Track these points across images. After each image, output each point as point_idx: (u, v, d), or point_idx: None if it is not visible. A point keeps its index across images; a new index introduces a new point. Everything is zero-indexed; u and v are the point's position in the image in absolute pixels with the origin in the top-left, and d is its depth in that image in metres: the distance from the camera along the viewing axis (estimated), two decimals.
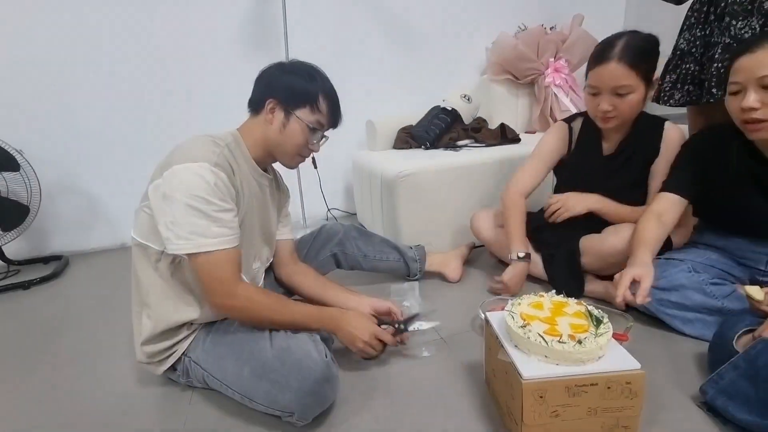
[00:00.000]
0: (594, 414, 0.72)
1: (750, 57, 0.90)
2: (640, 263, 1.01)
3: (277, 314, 0.90)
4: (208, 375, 0.91)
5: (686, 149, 1.16)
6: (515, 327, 0.77)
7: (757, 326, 0.89)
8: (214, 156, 0.84)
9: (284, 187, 1.17)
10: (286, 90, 0.93)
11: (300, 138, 0.95)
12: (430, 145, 1.93)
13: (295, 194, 2.08)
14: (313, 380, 0.81)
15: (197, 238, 0.81)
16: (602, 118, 1.19)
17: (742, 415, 0.75)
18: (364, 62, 2.21)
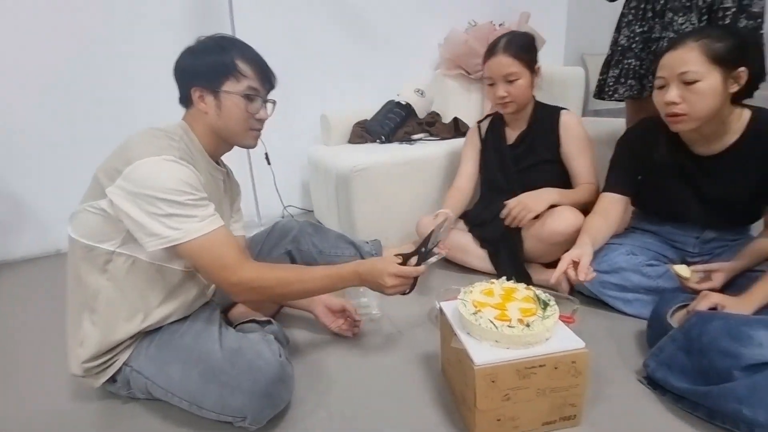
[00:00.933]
0: (543, 394, 0.75)
1: (673, 54, 0.96)
2: (579, 245, 1.07)
3: (294, 285, 0.86)
4: (152, 384, 0.85)
5: (620, 146, 1.22)
6: (467, 314, 0.78)
7: (689, 302, 0.96)
8: (175, 149, 0.79)
9: (236, 181, 1.11)
10: (203, 72, 0.86)
11: (239, 112, 0.89)
12: (385, 139, 1.92)
13: (248, 191, 2.01)
14: (266, 381, 0.78)
15: (184, 224, 0.76)
16: (501, 104, 1.36)
17: (679, 383, 0.81)
18: (317, 56, 2.16)
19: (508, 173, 1.45)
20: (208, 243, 0.78)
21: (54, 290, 0.86)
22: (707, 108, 0.94)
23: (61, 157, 1.83)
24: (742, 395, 0.69)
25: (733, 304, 0.88)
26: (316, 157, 1.93)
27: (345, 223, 1.70)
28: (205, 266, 0.79)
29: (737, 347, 0.72)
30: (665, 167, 1.11)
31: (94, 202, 0.79)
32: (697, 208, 1.11)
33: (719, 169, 1.05)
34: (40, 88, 1.77)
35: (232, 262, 0.79)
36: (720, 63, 0.92)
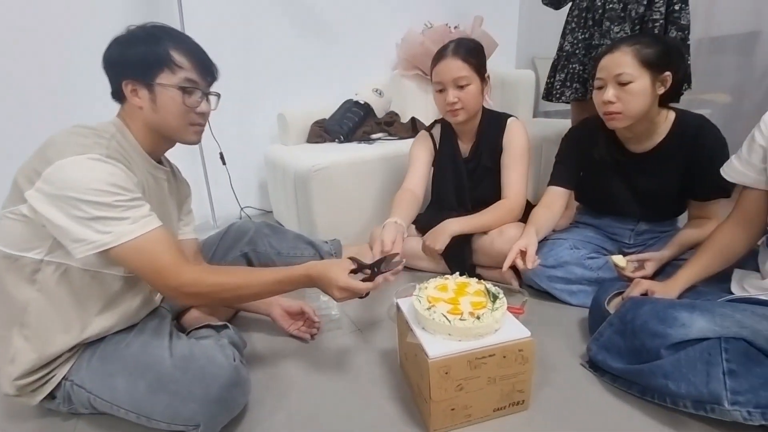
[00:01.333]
0: (493, 382, 0.78)
1: (610, 57, 1.04)
2: (525, 236, 1.14)
3: (241, 290, 0.81)
4: (95, 397, 0.80)
5: (564, 143, 1.31)
6: (422, 310, 0.80)
7: (624, 290, 1.04)
8: (103, 147, 0.74)
9: (183, 181, 1.06)
10: (134, 64, 0.80)
11: (176, 106, 0.83)
12: (344, 138, 1.92)
13: (202, 192, 1.95)
14: (219, 386, 0.76)
15: (114, 227, 0.70)
16: (451, 111, 1.30)
17: (616, 364, 0.87)
18: (274, 54, 2.12)
19: (461, 190, 1.42)
20: (142, 246, 0.73)
21: None
22: (639, 107, 1.04)
23: None
24: (667, 371, 0.76)
25: (660, 289, 0.96)
26: (274, 157, 1.90)
27: (305, 223, 1.68)
28: (141, 271, 0.74)
29: (664, 328, 0.80)
30: (604, 163, 1.20)
31: (15, 208, 0.73)
32: (631, 202, 1.21)
33: (649, 165, 1.15)
34: None
35: (170, 265, 0.74)
36: (649, 67, 1.01)
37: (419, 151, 1.47)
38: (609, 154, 1.19)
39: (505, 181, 1.35)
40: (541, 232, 1.20)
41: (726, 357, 0.72)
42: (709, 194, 1.12)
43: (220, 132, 1.87)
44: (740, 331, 0.74)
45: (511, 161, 1.34)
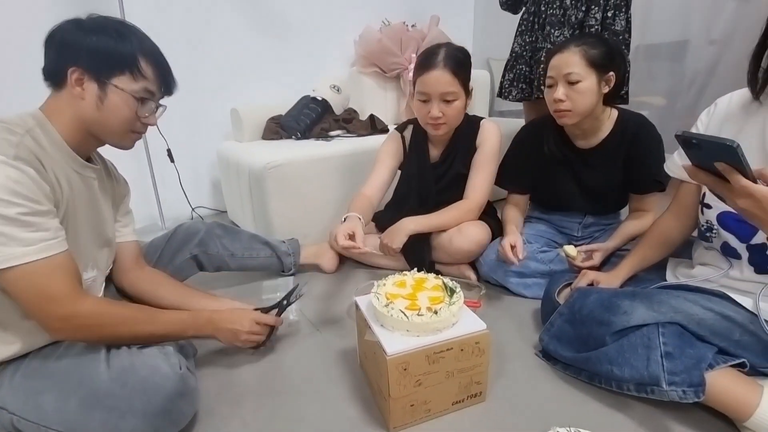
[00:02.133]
0: (451, 376, 0.79)
1: (560, 56, 1.09)
2: (511, 233, 1.20)
3: (141, 326, 0.78)
4: (19, 419, 0.72)
5: (515, 143, 1.36)
6: (380, 307, 0.79)
7: (573, 281, 1.09)
8: (11, 147, 0.66)
9: (119, 179, 0.99)
10: (92, 55, 0.74)
11: (126, 112, 0.79)
12: (301, 135, 1.88)
13: (148, 192, 1.83)
14: (163, 397, 0.71)
15: (3, 248, 0.63)
16: (433, 124, 1.23)
17: (566, 352, 0.91)
18: (225, 45, 2.03)
19: (426, 194, 1.37)
20: (31, 273, 0.66)
21: None
22: (587, 105, 1.09)
23: None
24: (612, 357, 0.80)
25: (605, 279, 1.02)
26: (227, 154, 1.82)
27: (261, 222, 1.63)
28: (24, 297, 0.67)
29: (609, 316, 0.84)
30: (553, 159, 1.26)
31: None
32: (578, 196, 1.28)
33: (595, 160, 1.22)
34: None
35: (64, 293, 0.69)
36: (595, 67, 1.07)
37: (386, 156, 1.39)
38: (558, 149, 1.25)
39: (470, 182, 1.31)
40: (519, 226, 1.27)
41: (663, 341, 0.76)
42: (646, 187, 1.20)
43: (168, 128, 1.76)
44: (675, 315, 0.79)
45: (479, 163, 1.30)
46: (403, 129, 1.43)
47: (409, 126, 1.42)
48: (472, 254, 1.30)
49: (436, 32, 2.33)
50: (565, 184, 1.28)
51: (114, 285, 1.01)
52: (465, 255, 1.30)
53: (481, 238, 1.28)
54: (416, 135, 1.40)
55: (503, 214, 1.34)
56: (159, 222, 1.90)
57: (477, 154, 1.31)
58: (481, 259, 1.28)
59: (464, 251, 1.28)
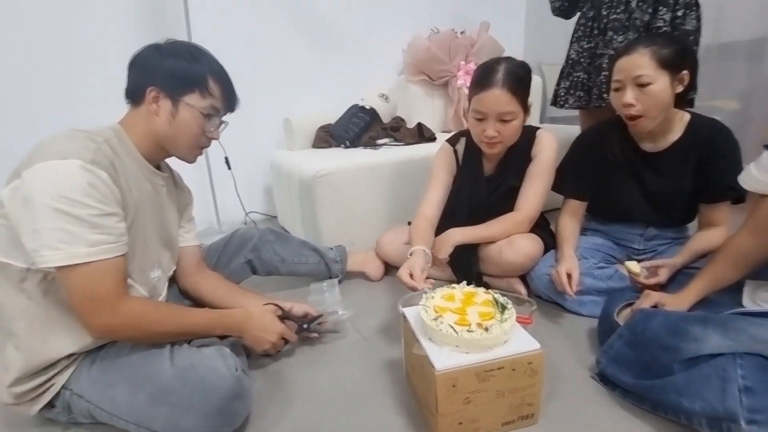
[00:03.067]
0: (502, 396, 0.77)
1: (628, 59, 1.05)
2: (567, 258, 1.14)
3: (173, 326, 0.82)
4: (95, 408, 0.79)
5: (575, 148, 1.30)
6: (428, 320, 0.79)
7: (635, 300, 1.02)
8: (89, 152, 0.72)
9: (185, 188, 1.06)
10: (168, 75, 0.82)
11: (194, 127, 0.86)
12: (349, 143, 1.92)
13: (207, 198, 1.95)
14: (220, 398, 0.75)
15: (68, 247, 0.68)
16: (488, 143, 1.19)
17: (626, 378, 0.85)
18: (279, 58, 2.13)
19: (477, 208, 1.31)
20: (89, 271, 0.70)
21: None
22: (660, 107, 1.04)
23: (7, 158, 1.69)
24: (681, 387, 0.74)
25: (671, 301, 0.94)
26: (279, 162, 1.89)
27: (309, 229, 1.68)
28: (75, 293, 0.71)
29: (676, 342, 0.78)
30: (616, 164, 1.20)
31: (2, 210, 0.72)
32: (642, 204, 1.20)
33: (662, 164, 1.14)
34: None
35: (111, 292, 0.72)
36: (667, 67, 1.02)
37: (439, 171, 1.34)
38: (622, 153, 1.19)
39: (522, 194, 1.25)
40: (575, 245, 1.21)
41: (741, 373, 0.70)
42: (719, 196, 1.12)
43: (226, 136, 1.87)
44: (754, 346, 0.72)
45: (534, 173, 1.24)
46: (455, 142, 1.37)
47: (461, 139, 1.37)
48: (522, 268, 1.25)
49: (486, 38, 2.30)
50: (628, 190, 1.20)
51: (177, 286, 1.08)
52: (514, 268, 1.26)
53: (533, 251, 1.23)
54: (469, 148, 1.34)
55: (558, 227, 1.28)
56: (216, 225, 2.02)
57: (532, 165, 1.25)
58: (533, 273, 1.24)
59: (514, 264, 1.24)
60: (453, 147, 1.37)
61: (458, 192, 1.36)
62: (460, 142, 1.37)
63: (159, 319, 0.80)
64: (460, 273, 1.30)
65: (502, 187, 1.31)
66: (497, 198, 1.32)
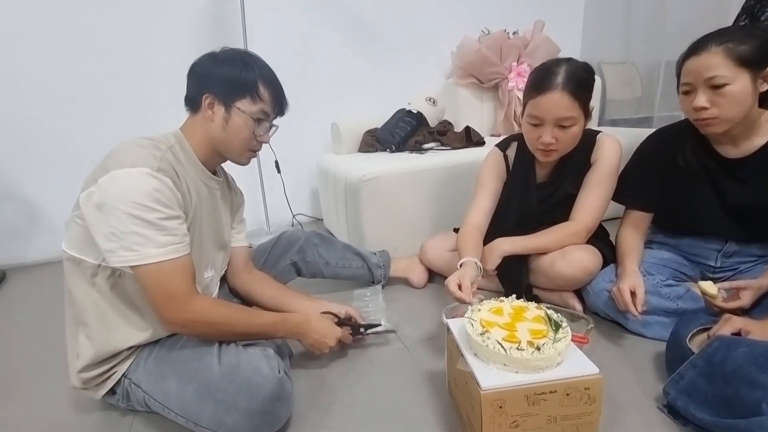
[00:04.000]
0: (554, 422, 0.70)
1: (697, 60, 0.93)
2: (631, 274, 1.04)
3: (238, 326, 0.86)
4: (149, 397, 0.83)
5: (641, 154, 1.17)
6: (474, 335, 0.75)
7: (711, 325, 0.91)
8: (156, 160, 0.77)
9: (237, 190, 1.10)
10: (222, 82, 0.85)
11: (245, 131, 0.89)
12: (395, 148, 1.90)
13: (258, 200, 2.02)
14: (263, 398, 0.76)
15: (142, 248, 0.74)
16: (543, 151, 1.11)
17: (701, 414, 0.75)
18: (328, 64, 2.17)
19: (527, 217, 1.25)
20: (160, 271, 0.75)
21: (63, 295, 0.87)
22: (738, 110, 0.92)
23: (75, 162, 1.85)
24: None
25: (757, 328, 0.82)
26: (326, 166, 1.92)
27: (354, 232, 1.68)
28: (151, 292, 0.77)
29: (766, 377, 0.67)
30: (689, 172, 1.07)
31: (78, 212, 0.78)
32: (720, 216, 1.06)
33: (745, 172, 1.01)
34: (59, 95, 1.81)
35: (182, 292, 0.77)
36: (747, 65, 0.89)
37: (488, 178, 1.28)
38: (696, 159, 1.06)
39: (579, 202, 1.15)
40: (639, 260, 1.10)
41: None
42: None
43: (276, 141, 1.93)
44: None
45: (593, 181, 1.14)
46: (506, 147, 1.30)
47: (512, 143, 1.29)
48: (577, 282, 1.16)
49: (541, 38, 2.20)
50: (703, 201, 1.07)
51: (227, 285, 1.12)
52: (568, 282, 1.16)
53: (589, 264, 1.13)
54: (521, 153, 1.26)
55: (619, 239, 1.17)
56: (265, 226, 2.08)
57: (591, 172, 1.16)
58: (590, 288, 1.14)
59: (567, 278, 1.15)
60: (503, 152, 1.30)
61: (508, 200, 1.28)
62: (510, 147, 1.30)
63: (227, 319, 0.84)
64: (508, 285, 1.24)
65: (556, 195, 1.22)
66: (549, 206, 1.23)
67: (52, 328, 1.32)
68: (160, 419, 0.87)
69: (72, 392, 0.97)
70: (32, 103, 1.79)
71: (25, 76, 1.75)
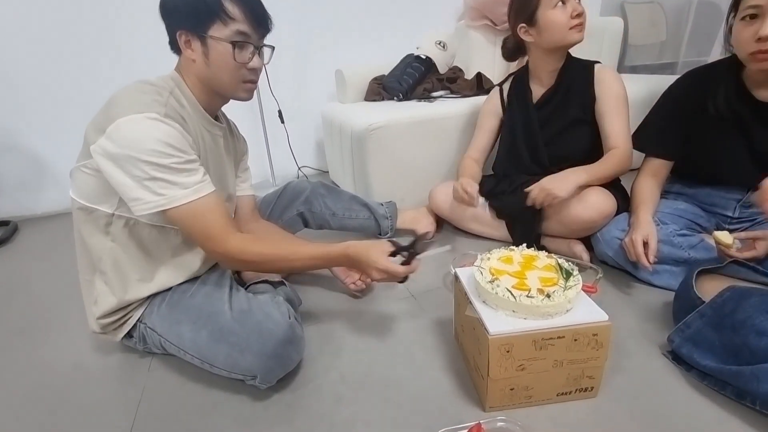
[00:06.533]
0: (560, 366, 0.72)
1: None
2: (644, 224, 1.02)
3: (283, 263, 0.83)
4: (165, 341, 0.86)
5: (666, 98, 1.11)
6: (483, 282, 0.74)
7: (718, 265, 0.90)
8: (162, 107, 0.73)
9: (240, 138, 1.05)
10: (186, 14, 0.76)
11: (228, 61, 0.78)
12: (403, 96, 1.82)
13: (262, 151, 1.98)
14: (275, 342, 0.78)
15: (167, 191, 0.72)
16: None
17: (705, 361, 0.76)
18: (331, 8, 2.03)
19: (533, 140, 1.27)
20: (192, 212, 0.74)
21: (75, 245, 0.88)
22: None
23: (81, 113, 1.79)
24: None
25: None
26: (331, 115, 1.86)
27: (360, 184, 1.65)
28: (191, 234, 0.77)
29: None
30: (718, 117, 1.01)
31: (87, 161, 0.76)
32: (746, 163, 1.02)
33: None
34: (55, 44, 1.73)
35: (217, 232, 0.76)
36: None
37: (485, 115, 1.39)
38: (728, 104, 0.99)
39: (608, 130, 1.17)
40: (653, 210, 1.07)
41: None
42: None
43: (278, 89, 1.86)
44: None
45: (611, 108, 1.17)
46: (503, 82, 1.37)
47: (509, 78, 1.35)
48: (593, 225, 1.13)
49: None
50: (730, 148, 1.02)
51: None
52: (583, 226, 1.14)
53: (606, 207, 1.11)
54: (516, 83, 1.32)
55: (635, 188, 1.13)
56: (270, 179, 2.06)
57: (603, 103, 1.18)
58: (600, 235, 1.12)
59: (584, 221, 1.12)
60: (500, 87, 1.37)
61: (510, 127, 1.33)
62: (507, 81, 1.36)
63: (264, 257, 0.80)
64: (519, 233, 1.23)
65: (560, 119, 1.24)
66: (555, 132, 1.25)
67: (68, 276, 1.35)
68: (177, 361, 0.90)
69: (91, 336, 1.01)
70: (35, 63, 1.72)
71: (19, 26, 1.67)
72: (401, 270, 0.82)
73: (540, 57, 1.23)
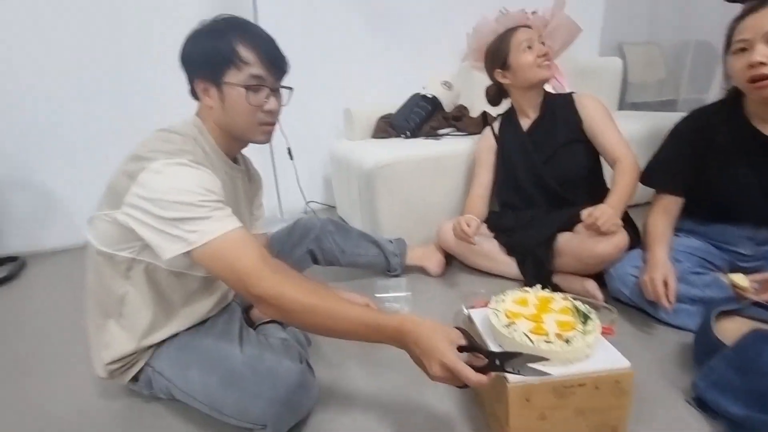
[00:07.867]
0: (582, 414, 0.69)
1: (757, 15, 0.90)
2: (662, 263, 1.01)
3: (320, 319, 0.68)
4: (173, 386, 0.83)
5: (673, 135, 1.13)
6: (499, 326, 0.73)
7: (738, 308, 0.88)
8: (191, 154, 0.74)
9: (256, 176, 1.06)
10: (202, 62, 0.77)
11: (243, 105, 0.79)
12: (410, 134, 1.87)
13: (271, 187, 2.01)
14: (287, 388, 0.75)
15: (200, 225, 0.68)
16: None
17: (733, 408, 0.73)
18: (340, 48, 2.12)
19: (530, 161, 1.34)
20: (223, 247, 0.68)
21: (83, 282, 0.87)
22: None
23: (91, 151, 1.86)
24: None
25: None
26: (339, 153, 1.89)
27: (368, 220, 1.66)
28: (222, 275, 0.70)
29: None
30: (727, 152, 1.03)
31: (110, 212, 0.75)
32: (756, 199, 1.02)
33: None
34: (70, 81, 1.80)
35: (252, 270, 0.68)
36: None
37: (482, 155, 1.47)
38: (734, 139, 1.01)
39: (605, 143, 1.25)
40: (669, 246, 1.07)
41: None
42: None
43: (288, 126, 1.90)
44: None
45: (600, 124, 1.26)
46: (493, 121, 1.49)
47: (498, 118, 1.48)
48: (608, 260, 1.12)
49: (562, 17, 2.11)
50: (739, 183, 1.03)
51: None
52: (599, 260, 1.13)
53: (621, 241, 1.10)
54: (506, 117, 1.44)
55: (648, 224, 1.12)
56: (278, 213, 2.07)
57: (592, 119, 1.28)
58: (613, 272, 1.11)
59: (599, 256, 1.11)
60: (491, 126, 1.47)
61: (506, 156, 1.41)
62: (497, 120, 1.48)
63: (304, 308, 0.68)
64: (531, 270, 1.22)
65: (550, 143, 1.32)
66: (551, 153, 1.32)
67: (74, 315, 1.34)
68: (183, 408, 0.87)
69: (95, 379, 0.98)
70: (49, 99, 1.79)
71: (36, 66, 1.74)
72: (473, 378, 0.60)
73: (520, 95, 1.37)
